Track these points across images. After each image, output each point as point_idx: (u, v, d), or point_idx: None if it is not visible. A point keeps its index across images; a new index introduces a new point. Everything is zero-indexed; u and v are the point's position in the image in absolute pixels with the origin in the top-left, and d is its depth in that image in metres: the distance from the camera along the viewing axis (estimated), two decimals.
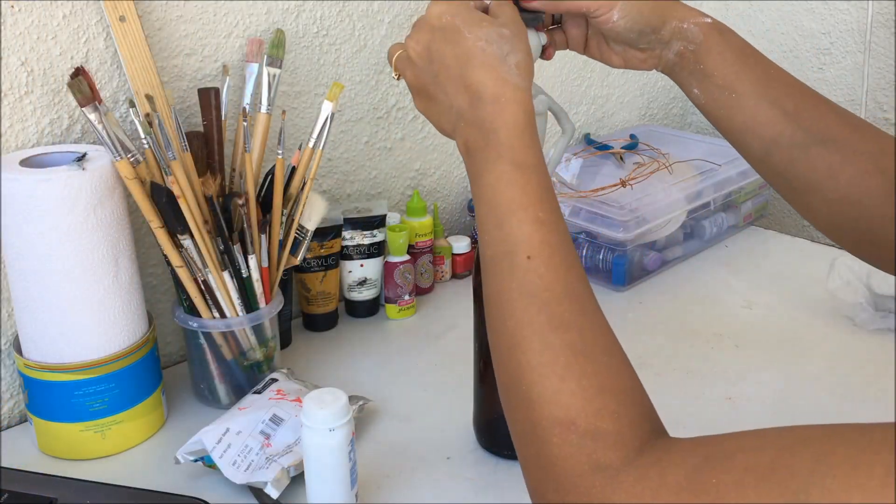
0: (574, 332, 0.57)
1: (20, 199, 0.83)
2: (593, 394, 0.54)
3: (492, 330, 0.61)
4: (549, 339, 0.56)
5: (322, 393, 0.79)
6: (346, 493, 0.79)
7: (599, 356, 0.57)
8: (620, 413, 0.54)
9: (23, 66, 0.89)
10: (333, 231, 1.12)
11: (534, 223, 0.60)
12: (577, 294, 0.59)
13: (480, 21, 0.65)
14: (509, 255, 0.59)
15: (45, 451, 0.91)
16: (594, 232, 1.25)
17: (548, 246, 0.59)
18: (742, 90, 0.73)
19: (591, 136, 1.52)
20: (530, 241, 0.59)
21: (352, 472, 0.79)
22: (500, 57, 0.64)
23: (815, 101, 0.73)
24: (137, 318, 0.91)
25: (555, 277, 0.58)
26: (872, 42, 1.37)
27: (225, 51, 1.03)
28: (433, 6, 0.67)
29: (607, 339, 0.58)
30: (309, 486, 0.80)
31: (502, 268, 0.60)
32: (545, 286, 0.58)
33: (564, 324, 0.57)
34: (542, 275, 0.58)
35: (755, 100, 0.72)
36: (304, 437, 0.78)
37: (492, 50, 0.64)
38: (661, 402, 0.98)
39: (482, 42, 0.64)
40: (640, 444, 0.53)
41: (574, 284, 0.59)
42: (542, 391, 0.55)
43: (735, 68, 0.73)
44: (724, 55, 0.73)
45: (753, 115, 0.72)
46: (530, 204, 0.60)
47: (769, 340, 1.11)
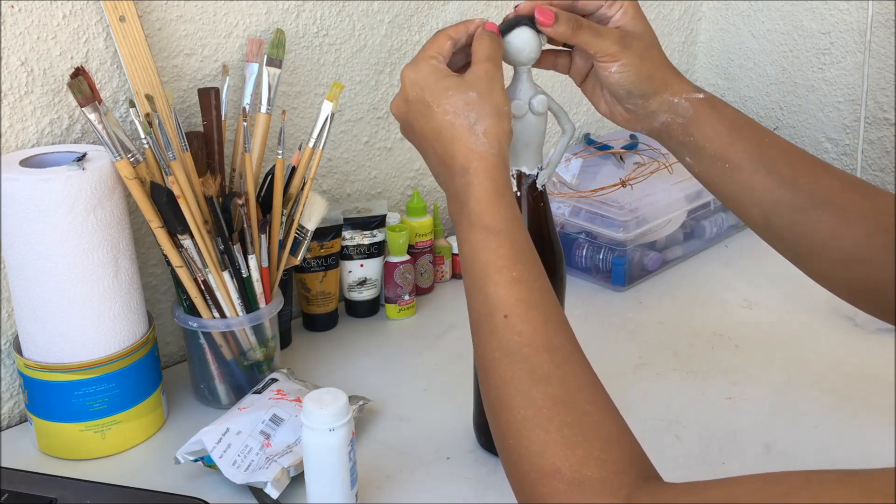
0: (555, 384, 0.58)
1: (20, 199, 0.83)
2: (577, 442, 0.56)
3: (482, 389, 0.63)
4: (531, 394, 0.58)
5: (322, 393, 0.79)
6: (346, 493, 0.79)
7: (582, 405, 0.58)
8: (605, 459, 0.55)
9: (23, 66, 0.89)
10: (333, 231, 1.12)
11: (508, 284, 0.62)
12: (556, 346, 0.61)
13: (446, 90, 0.67)
14: (489, 317, 0.62)
15: (45, 451, 0.91)
16: (594, 232, 1.25)
17: (524, 303, 0.62)
18: (736, 160, 0.73)
19: (591, 136, 1.52)
20: (506, 300, 0.62)
21: (352, 472, 0.79)
22: (468, 127, 0.66)
23: (811, 164, 0.73)
24: (137, 318, 0.91)
25: (533, 332, 0.61)
26: (872, 42, 1.37)
27: (225, 51, 1.04)
28: (406, 72, 0.69)
29: (590, 387, 0.60)
30: (309, 486, 0.80)
31: (484, 329, 0.62)
32: (524, 342, 0.60)
33: (545, 377, 0.59)
34: (521, 331, 0.61)
35: (750, 169, 0.73)
36: (304, 437, 0.78)
37: (459, 122, 0.66)
38: (661, 402, 0.99)
39: (450, 116, 0.66)
40: (628, 490, 0.54)
41: (553, 337, 0.61)
42: (529, 444, 0.57)
43: (728, 140, 0.73)
44: (716, 128, 0.73)
45: (750, 183, 0.73)
46: (504, 266, 0.63)
47: (769, 340, 1.11)
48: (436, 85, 0.67)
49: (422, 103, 0.67)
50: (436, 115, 0.67)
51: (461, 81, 0.67)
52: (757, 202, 0.73)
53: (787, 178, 0.72)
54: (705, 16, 1.63)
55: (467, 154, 0.65)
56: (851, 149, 1.45)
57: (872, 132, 1.41)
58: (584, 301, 1.21)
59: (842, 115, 1.46)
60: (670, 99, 0.74)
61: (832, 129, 1.47)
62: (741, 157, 0.73)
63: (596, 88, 0.79)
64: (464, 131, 0.66)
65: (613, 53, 0.73)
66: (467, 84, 0.67)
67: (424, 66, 0.69)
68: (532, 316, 0.61)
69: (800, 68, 1.49)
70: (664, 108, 0.75)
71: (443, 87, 0.67)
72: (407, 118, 0.69)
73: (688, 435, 0.93)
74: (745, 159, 0.73)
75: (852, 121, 1.44)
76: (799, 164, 0.73)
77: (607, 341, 1.12)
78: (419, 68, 0.69)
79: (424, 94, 0.67)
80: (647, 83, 0.74)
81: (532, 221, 0.81)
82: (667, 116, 0.75)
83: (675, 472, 0.90)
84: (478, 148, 0.65)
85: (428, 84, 0.67)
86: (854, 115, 1.44)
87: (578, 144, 1.49)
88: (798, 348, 1.09)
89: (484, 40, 0.70)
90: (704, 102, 0.74)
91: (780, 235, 0.74)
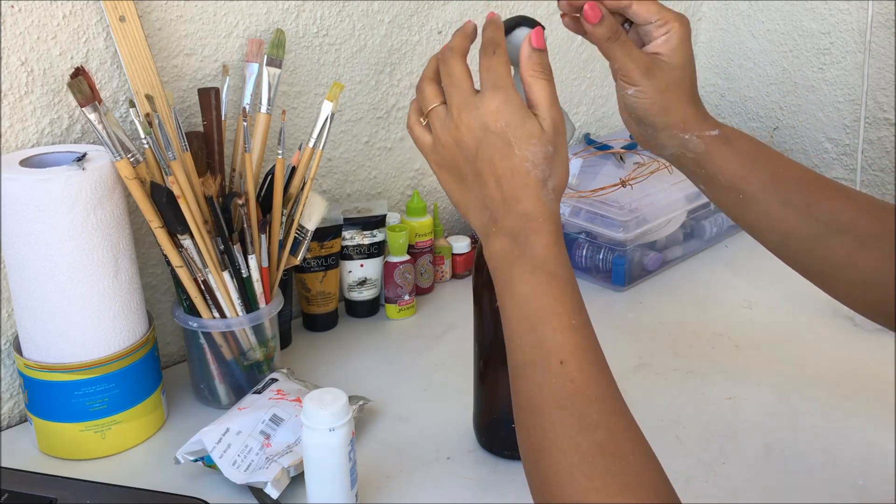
0: (603, 432, 0.59)
1: (20, 199, 0.83)
2: (616, 492, 0.57)
3: (522, 432, 0.63)
4: (579, 441, 0.59)
5: (322, 393, 0.79)
6: (346, 493, 0.79)
7: (626, 455, 0.59)
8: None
9: (23, 66, 0.89)
10: (333, 231, 1.12)
11: (567, 330, 0.63)
12: (606, 396, 0.61)
13: (530, 137, 0.66)
14: (543, 361, 0.62)
15: (45, 451, 0.91)
16: (594, 232, 1.25)
17: (580, 350, 0.62)
18: (749, 191, 0.74)
19: (591, 136, 1.52)
20: (564, 347, 0.62)
21: (352, 472, 0.79)
22: (542, 181, 0.66)
23: (826, 191, 0.74)
24: (137, 318, 0.91)
25: (586, 381, 0.61)
26: (872, 42, 1.37)
27: (225, 51, 1.03)
28: (490, 99, 0.66)
29: (634, 437, 0.61)
30: (309, 486, 0.80)
31: (535, 372, 0.62)
32: (577, 389, 0.61)
33: (594, 425, 0.59)
34: (575, 378, 0.61)
35: (764, 200, 0.73)
36: (304, 437, 0.78)
37: (536, 173, 0.66)
38: (661, 402, 0.99)
39: (528, 164, 0.66)
40: None
41: (604, 387, 0.62)
42: (572, 492, 0.58)
43: (741, 173, 0.74)
44: (730, 162, 0.74)
45: (765, 212, 0.74)
46: (565, 312, 0.63)
47: (769, 340, 1.11)
48: (521, 128, 0.66)
49: (503, 140, 0.66)
50: (515, 157, 0.66)
51: (542, 132, 0.66)
52: (772, 229, 0.74)
53: (801, 208, 0.73)
54: (705, 16, 1.63)
55: (536, 204, 0.66)
56: (851, 149, 1.45)
57: (872, 132, 1.41)
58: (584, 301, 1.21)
59: (842, 115, 1.46)
60: (681, 135, 0.74)
61: (832, 129, 1.47)
62: (755, 189, 0.74)
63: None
64: (538, 183, 0.66)
65: (633, 80, 0.72)
66: (547, 137, 0.66)
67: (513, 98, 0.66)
68: (587, 365, 0.62)
69: (800, 68, 1.49)
70: (674, 142, 0.75)
71: (527, 133, 0.66)
72: (479, 144, 0.67)
73: (688, 435, 0.93)
74: (758, 191, 0.74)
75: (852, 121, 1.44)
76: (813, 192, 0.73)
77: (607, 341, 1.10)
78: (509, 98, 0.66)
79: (508, 131, 0.66)
80: (660, 117, 0.74)
81: None
82: (676, 150, 0.75)
83: (676, 473, 0.90)
84: (547, 201, 0.66)
85: (513, 123, 0.66)
86: (854, 115, 1.44)
87: (578, 144, 1.49)
88: (798, 348, 1.09)
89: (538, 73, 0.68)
90: (719, 139, 0.74)
91: (797, 260, 0.75)
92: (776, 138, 1.54)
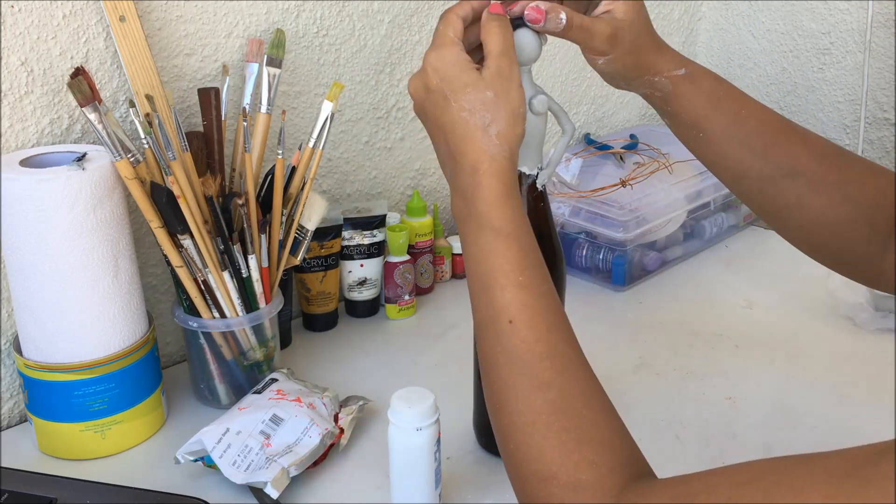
0: (554, 391, 0.60)
1: (20, 199, 0.83)
2: (573, 447, 0.58)
3: (484, 390, 0.64)
4: (531, 399, 0.60)
5: (409, 392, 0.79)
6: (431, 493, 0.80)
7: (580, 410, 0.59)
8: (599, 463, 0.57)
9: (23, 66, 0.89)
10: (333, 231, 1.12)
11: (515, 288, 0.62)
12: (558, 353, 0.61)
13: (465, 87, 0.66)
14: (493, 321, 0.63)
15: (45, 451, 0.91)
16: (594, 232, 1.25)
17: (528, 309, 0.62)
18: (710, 130, 0.76)
19: (591, 136, 1.52)
20: (511, 305, 0.62)
21: (436, 472, 0.80)
22: (482, 127, 0.65)
23: (786, 134, 0.76)
24: (137, 318, 0.91)
25: (535, 339, 0.61)
26: (872, 42, 1.37)
27: (225, 51, 1.03)
28: (430, 57, 0.68)
29: (589, 392, 0.61)
30: (393, 485, 0.80)
31: (489, 332, 0.63)
32: (527, 348, 0.61)
33: (545, 383, 0.60)
34: (525, 338, 0.61)
35: (723, 139, 0.76)
36: (390, 435, 0.78)
37: (474, 121, 0.65)
38: (661, 402, 0.99)
39: (465, 113, 0.66)
40: (620, 490, 0.56)
41: (556, 344, 0.62)
42: (528, 450, 0.59)
43: (703, 112, 0.76)
44: (693, 101, 0.76)
45: (721, 152, 0.76)
46: (511, 270, 0.63)
47: (769, 340, 1.11)
48: (456, 79, 0.66)
49: (440, 94, 0.67)
50: (452, 109, 0.66)
51: (479, 79, 0.66)
52: (728, 168, 0.77)
53: (757, 149, 0.75)
54: (705, 16, 1.63)
55: (479, 154, 0.65)
56: (851, 149, 1.45)
57: (872, 132, 1.41)
58: (584, 301, 1.21)
59: (842, 115, 1.46)
60: (651, 79, 0.76)
61: (832, 129, 1.47)
62: (714, 128, 0.76)
63: None
64: (478, 131, 0.65)
65: (602, 51, 0.74)
66: (485, 83, 0.66)
67: (447, 53, 0.67)
68: (536, 322, 0.62)
69: (800, 68, 1.49)
70: (644, 85, 0.77)
71: (462, 83, 0.66)
72: (424, 104, 0.69)
73: (688, 435, 0.93)
74: (717, 130, 0.76)
75: (852, 121, 1.44)
76: (772, 135, 0.75)
77: (607, 341, 1.12)
78: (442, 55, 0.67)
79: (444, 85, 0.66)
80: (632, 71, 0.76)
81: (532, 221, 0.81)
82: (645, 91, 0.77)
83: (675, 472, 0.89)
84: (489, 150, 0.65)
85: (449, 76, 0.66)
86: (854, 115, 1.44)
87: (578, 144, 1.49)
88: (798, 348, 1.09)
89: (493, 31, 0.69)
90: (684, 78, 0.76)
91: (750, 199, 0.78)
92: None
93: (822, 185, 0.74)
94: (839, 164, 0.75)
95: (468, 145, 0.65)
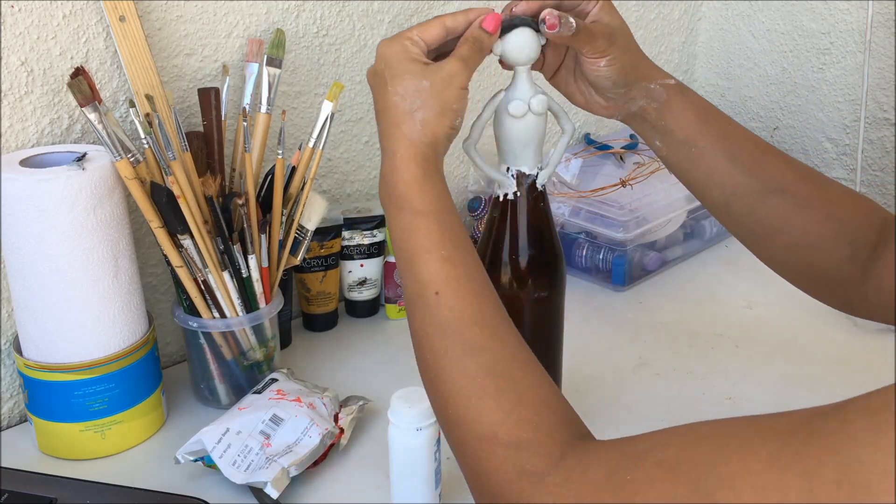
0: (486, 354, 0.61)
1: (20, 199, 0.83)
2: (511, 407, 0.59)
3: (419, 365, 0.65)
4: (465, 364, 0.61)
5: (409, 391, 0.79)
6: (430, 492, 0.80)
7: (514, 372, 0.61)
8: (538, 422, 0.58)
9: (23, 66, 0.89)
10: (333, 231, 1.12)
11: (438, 262, 0.64)
12: (487, 319, 0.63)
13: (404, 73, 0.68)
14: (421, 295, 0.65)
15: (45, 451, 0.91)
16: (594, 232, 1.25)
17: (453, 279, 0.64)
18: (702, 145, 0.77)
19: (591, 136, 1.52)
20: (436, 278, 0.64)
21: (436, 472, 0.80)
22: (409, 112, 0.67)
23: (770, 154, 0.78)
24: (137, 318, 0.91)
25: (463, 307, 0.63)
26: (872, 42, 1.37)
27: (225, 51, 1.03)
28: (380, 45, 0.70)
29: (521, 356, 0.62)
30: (393, 485, 0.80)
31: (418, 306, 0.65)
32: (455, 316, 0.63)
33: (477, 348, 0.61)
34: (452, 307, 0.63)
35: (714, 154, 0.77)
36: (390, 435, 0.78)
37: (404, 106, 0.67)
38: (661, 402, 0.99)
39: (397, 97, 0.68)
40: (562, 448, 0.56)
41: (484, 311, 0.63)
42: (465, 413, 0.60)
43: (695, 126, 0.77)
44: (686, 113, 0.77)
45: (713, 167, 0.77)
46: (433, 246, 0.65)
47: (769, 340, 1.11)
48: (398, 66, 0.68)
49: (381, 79, 0.69)
50: (388, 94, 0.68)
51: (422, 69, 0.68)
52: (718, 185, 0.77)
53: (746, 165, 0.76)
54: (705, 16, 1.63)
55: (399, 138, 0.67)
56: (851, 149, 1.45)
57: (872, 132, 1.41)
58: (584, 301, 1.21)
59: (842, 115, 1.46)
60: (647, 85, 0.77)
61: (832, 129, 1.47)
62: (706, 143, 0.77)
63: (570, 80, 0.81)
64: (405, 116, 0.67)
65: (604, 51, 0.75)
66: (426, 73, 0.68)
67: (397, 44, 0.69)
68: (462, 292, 0.63)
69: (800, 68, 1.49)
70: (642, 93, 0.77)
71: (402, 70, 0.68)
72: (373, 90, 0.71)
73: None
74: (709, 145, 0.77)
75: (852, 121, 1.44)
76: (758, 153, 0.77)
77: (607, 341, 1.12)
78: (391, 45, 0.69)
79: (385, 71, 0.68)
80: (631, 73, 0.77)
81: (532, 221, 0.81)
82: (643, 101, 0.78)
83: None
84: (411, 134, 0.67)
85: (392, 63, 0.68)
86: (854, 115, 1.44)
87: (578, 144, 1.49)
88: (798, 348, 1.09)
89: (469, 40, 0.71)
90: (676, 89, 0.78)
91: (738, 219, 0.78)
92: (776, 138, 1.54)
93: (806, 203, 0.75)
94: (821, 185, 0.77)
95: (393, 130, 0.67)
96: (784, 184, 0.76)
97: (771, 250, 0.79)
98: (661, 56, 1.59)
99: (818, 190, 0.76)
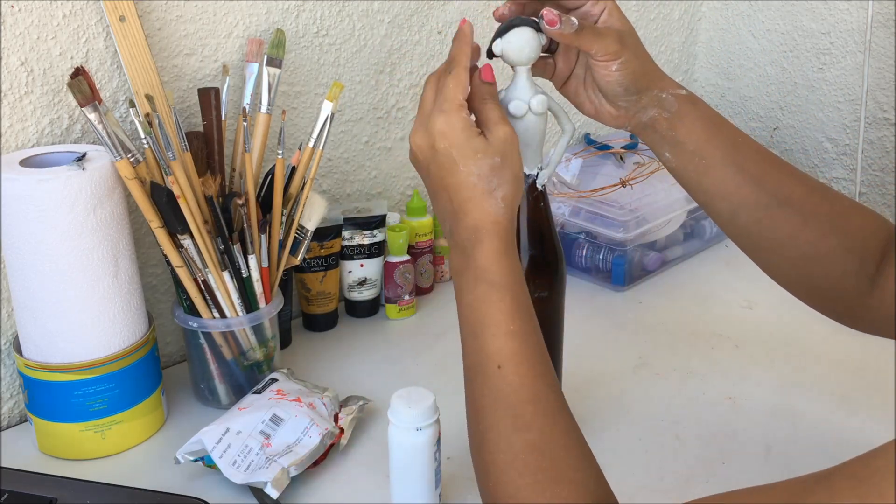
0: (534, 433, 0.63)
1: (20, 199, 0.83)
2: (546, 486, 0.61)
3: (470, 432, 0.67)
4: (512, 440, 0.63)
5: (409, 392, 0.79)
6: (430, 493, 0.80)
7: (558, 451, 0.62)
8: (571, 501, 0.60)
9: (23, 66, 0.89)
10: (333, 231, 1.12)
11: (505, 336, 0.66)
12: (542, 399, 0.64)
13: (475, 153, 0.69)
14: (483, 365, 0.66)
15: (45, 451, 0.91)
16: (594, 232, 1.25)
17: (517, 355, 0.65)
18: (711, 156, 0.77)
19: (591, 136, 1.52)
20: (501, 352, 0.65)
21: (436, 472, 0.80)
22: (489, 192, 0.69)
23: (777, 166, 0.77)
24: (137, 318, 0.91)
25: (521, 383, 0.64)
26: (872, 42, 1.37)
27: (225, 51, 1.03)
28: (437, 122, 0.70)
29: (568, 436, 0.64)
30: (393, 484, 0.80)
31: (478, 375, 0.66)
32: (512, 391, 0.64)
33: (526, 425, 0.63)
34: (511, 382, 0.64)
35: (723, 165, 0.77)
36: (390, 435, 0.79)
37: (482, 185, 0.69)
38: (661, 402, 0.99)
39: (473, 178, 0.69)
40: None
41: (541, 390, 0.65)
42: (505, 487, 0.62)
43: (705, 137, 0.77)
44: (696, 124, 0.77)
45: (722, 179, 0.77)
46: (503, 319, 0.66)
47: (769, 340, 1.11)
48: (465, 144, 0.69)
49: (448, 158, 0.69)
50: (460, 173, 0.69)
51: (488, 146, 0.69)
52: (726, 197, 0.77)
53: (755, 177, 0.76)
54: (705, 16, 1.63)
55: (483, 216, 0.68)
56: (851, 149, 1.45)
57: (872, 132, 1.41)
58: (584, 301, 1.21)
59: (842, 115, 1.46)
60: (659, 94, 0.77)
61: (832, 129, 1.47)
62: (716, 154, 0.77)
63: (580, 90, 0.81)
64: (484, 195, 0.68)
65: (615, 52, 0.74)
66: (493, 149, 0.69)
67: (456, 119, 0.69)
68: (523, 368, 0.65)
69: (800, 68, 1.49)
70: (653, 102, 0.77)
71: (471, 149, 0.69)
72: (429, 164, 0.71)
73: (688, 435, 0.93)
74: (719, 156, 0.77)
75: (852, 121, 1.44)
76: (766, 165, 0.77)
77: (607, 341, 1.12)
78: (451, 121, 0.69)
79: (452, 150, 0.69)
80: (642, 79, 0.76)
81: (532, 221, 0.81)
82: (655, 111, 0.77)
83: (676, 473, 0.90)
84: (495, 212, 0.68)
85: (457, 141, 0.69)
86: (854, 115, 1.44)
87: (578, 144, 1.49)
88: (798, 348, 1.09)
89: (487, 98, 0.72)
90: (687, 99, 0.77)
91: (744, 231, 0.78)
92: (776, 138, 1.54)
93: (812, 216, 0.75)
94: (827, 198, 0.76)
95: (473, 206, 0.69)
96: (792, 196, 0.75)
97: (777, 263, 0.78)
98: (661, 56, 1.59)
99: (826, 203, 0.76)
